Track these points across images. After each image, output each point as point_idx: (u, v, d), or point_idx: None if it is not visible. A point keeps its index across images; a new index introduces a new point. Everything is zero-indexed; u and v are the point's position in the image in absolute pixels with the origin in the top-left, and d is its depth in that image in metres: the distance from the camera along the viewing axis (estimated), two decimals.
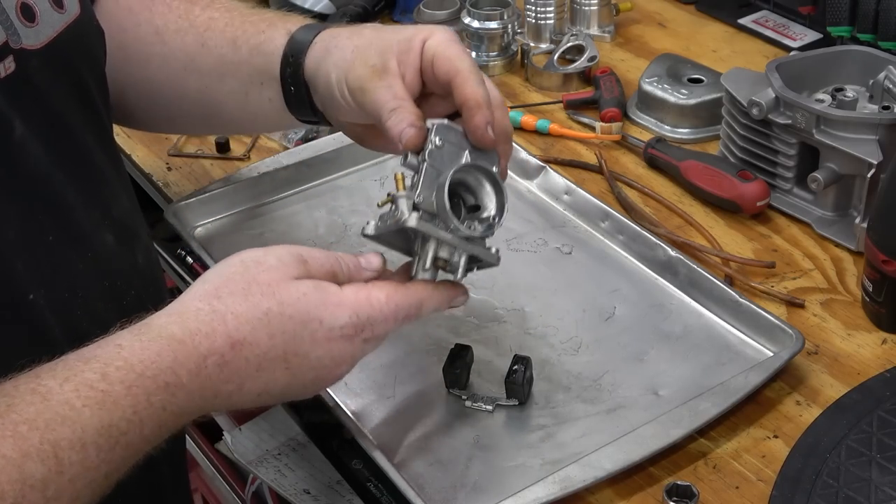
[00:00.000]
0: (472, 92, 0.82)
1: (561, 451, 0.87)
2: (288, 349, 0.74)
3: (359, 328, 0.76)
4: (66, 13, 0.82)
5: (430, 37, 0.86)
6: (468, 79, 0.83)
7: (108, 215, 0.85)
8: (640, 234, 1.07)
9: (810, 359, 0.95)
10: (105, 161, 0.88)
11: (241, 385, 0.73)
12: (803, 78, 1.12)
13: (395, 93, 0.84)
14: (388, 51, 0.86)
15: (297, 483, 1.23)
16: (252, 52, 0.96)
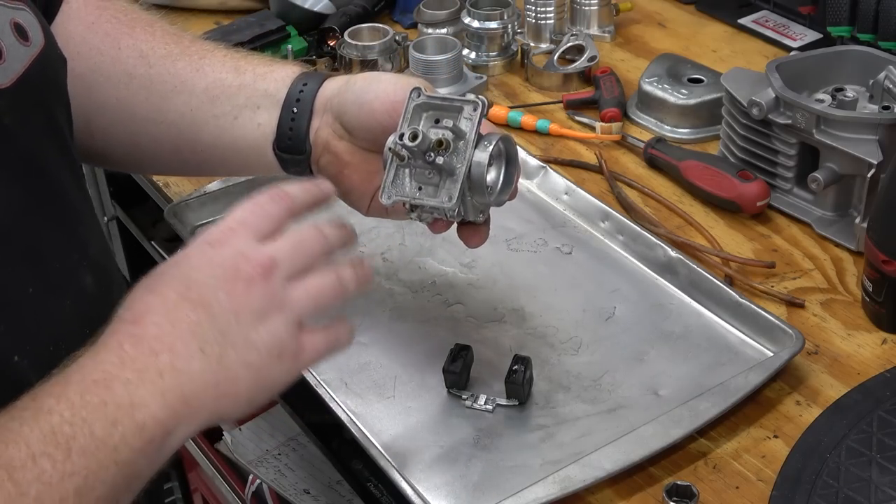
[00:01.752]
0: None
1: (561, 451, 0.87)
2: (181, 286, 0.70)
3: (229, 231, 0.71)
4: (31, 46, 0.78)
5: None
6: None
7: (85, 256, 0.81)
8: (640, 234, 1.07)
9: (810, 359, 0.95)
10: (79, 199, 0.84)
11: (172, 347, 0.68)
12: (803, 78, 1.12)
13: None
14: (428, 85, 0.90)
15: (297, 483, 1.23)
16: (258, 77, 0.94)
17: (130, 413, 0.66)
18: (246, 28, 1.40)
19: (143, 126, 0.97)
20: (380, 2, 1.51)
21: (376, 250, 1.09)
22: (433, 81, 1.32)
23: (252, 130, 0.95)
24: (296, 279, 0.72)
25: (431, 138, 0.82)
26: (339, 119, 0.91)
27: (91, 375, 0.66)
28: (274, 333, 0.70)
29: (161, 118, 0.96)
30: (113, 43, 0.96)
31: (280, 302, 0.71)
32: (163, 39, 0.97)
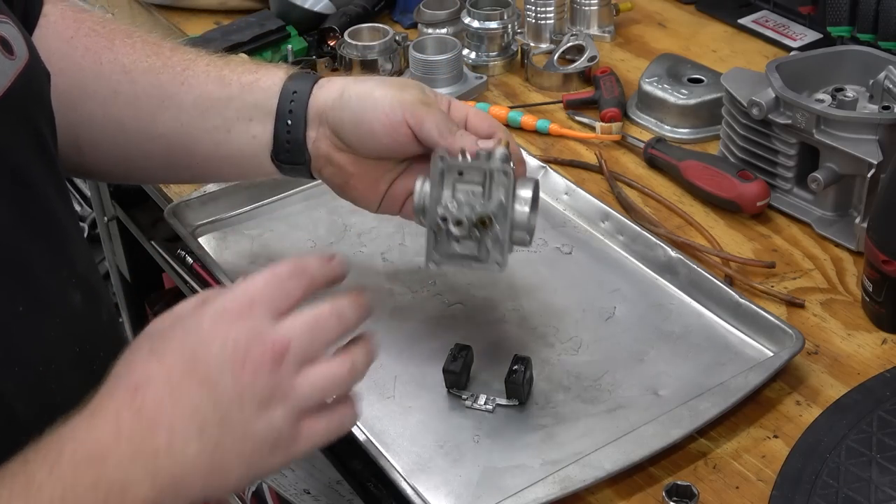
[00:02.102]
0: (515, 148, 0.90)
1: (561, 451, 0.87)
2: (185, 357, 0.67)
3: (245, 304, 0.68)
4: (17, 59, 0.77)
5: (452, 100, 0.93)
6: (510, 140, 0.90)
7: (73, 273, 0.80)
8: (640, 234, 1.07)
9: (810, 359, 0.95)
10: (66, 214, 0.82)
11: (170, 426, 0.65)
12: (803, 78, 1.12)
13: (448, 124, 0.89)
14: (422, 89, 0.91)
15: (297, 483, 1.23)
16: (244, 88, 0.94)
17: (121, 496, 0.64)
18: (246, 28, 1.40)
19: (134, 141, 0.96)
20: (380, 2, 1.51)
21: (376, 250, 1.09)
22: (433, 81, 1.32)
23: (248, 142, 0.95)
24: (307, 365, 0.69)
25: (473, 217, 0.85)
26: (337, 134, 0.92)
27: (84, 446, 0.64)
28: (273, 426, 0.67)
29: (151, 133, 0.96)
30: (94, 58, 0.95)
31: (284, 392, 0.67)
32: (143, 52, 0.95)
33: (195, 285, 1.21)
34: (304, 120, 0.92)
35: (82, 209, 2.19)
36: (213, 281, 1.13)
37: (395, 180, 0.94)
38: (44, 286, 0.76)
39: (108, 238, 1.53)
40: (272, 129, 0.93)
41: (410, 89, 0.90)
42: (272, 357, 0.67)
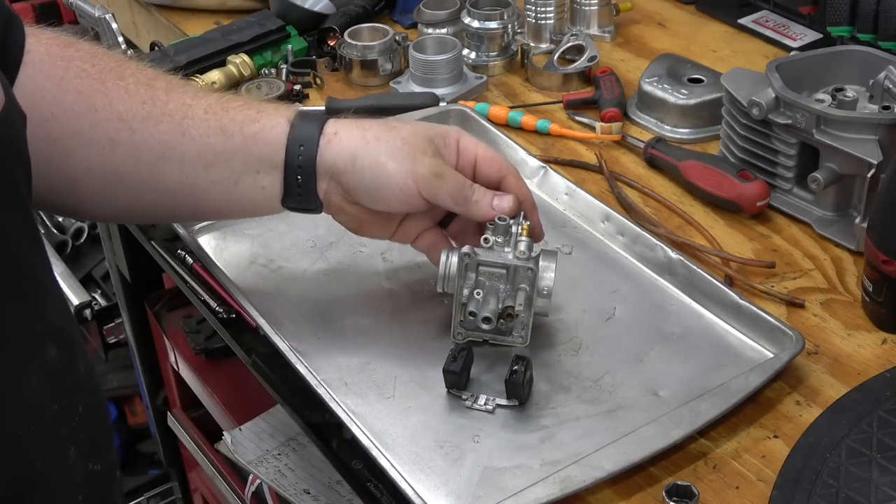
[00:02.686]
0: (526, 193, 0.97)
1: (561, 452, 0.87)
2: None
3: None
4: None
5: (461, 137, 0.97)
6: (519, 181, 0.98)
7: (48, 325, 0.75)
8: (640, 234, 1.07)
9: (810, 359, 0.95)
10: (39, 264, 0.76)
11: None
12: (803, 78, 1.12)
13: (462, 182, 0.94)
14: (431, 143, 0.94)
15: (297, 483, 1.23)
16: (248, 140, 0.92)
17: None
18: (246, 28, 1.40)
19: (137, 193, 0.95)
20: (380, 2, 1.51)
21: (376, 250, 1.09)
22: (433, 81, 1.32)
23: (257, 193, 0.95)
24: None
25: (499, 310, 0.92)
26: (349, 195, 0.94)
27: None
28: None
29: (155, 186, 0.94)
30: (88, 104, 0.91)
31: None
32: (138, 96, 0.92)
33: (195, 285, 1.21)
34: (314, 173, 0.93)
35: None
36: (213, 281, 1.13)
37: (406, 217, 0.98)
38: (19, 342, 0.71)
39: (108, 238, 1.52)
40: (281, 180, 0.93)
41: (423, 159, 0.92)
42: None
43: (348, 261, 1.08)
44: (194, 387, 1.49)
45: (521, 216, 0.96)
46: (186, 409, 1.61)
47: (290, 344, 0.97)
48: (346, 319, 1.01)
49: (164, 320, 1.53)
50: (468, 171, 0.96)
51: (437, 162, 0.93)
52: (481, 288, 0.93)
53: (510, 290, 0.93)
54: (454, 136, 0.96)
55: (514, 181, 0.97)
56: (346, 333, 1.00)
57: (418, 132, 0.94)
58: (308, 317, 1.01)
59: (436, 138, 0.94)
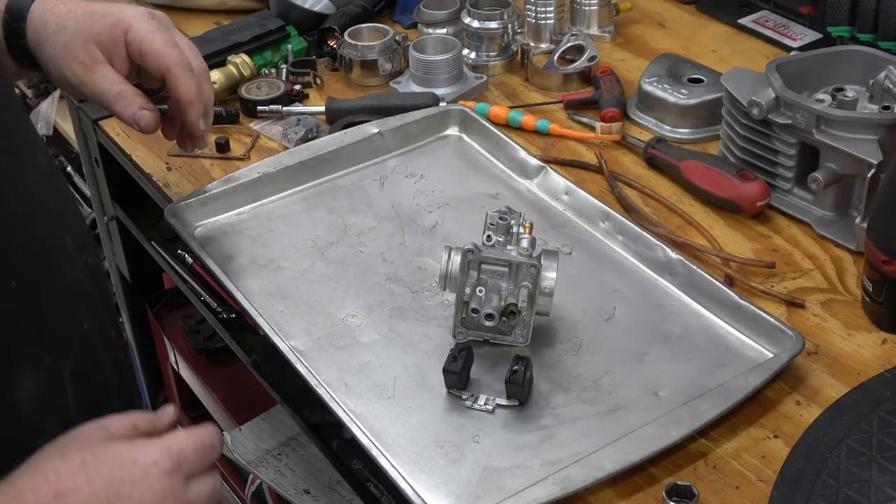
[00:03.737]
0: (185, 90, 0.98)
1: (561, 452, 0.87)
2: (110, 492, 0.72)
3: (174, 461, 0.75)
4: None
5: (129, 28, 0.98)
6: (179, 76, 0.98)
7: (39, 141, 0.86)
8: (640, 234, 1.07)
9: (810, 359, 0.95)
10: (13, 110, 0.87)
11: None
12: (803, 78, 1.12)
13: (111, 80, 0.97)
14: (91, 43, 0.97)
15: (297, 483, 1.23)
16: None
17: None
18: (246, 28, 1.40)
19: None
20: (380, 2, 1.51)
21: (376, 250, 1.09)
22: (433, 81, 1.32)
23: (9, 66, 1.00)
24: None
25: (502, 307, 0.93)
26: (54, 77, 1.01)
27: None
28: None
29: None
30: None
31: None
32: None
33: (195, 285, 1.21)
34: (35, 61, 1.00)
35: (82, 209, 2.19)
36: (213, 281, 1.13)
37: None
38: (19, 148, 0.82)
39: (108, 238, 1.52)
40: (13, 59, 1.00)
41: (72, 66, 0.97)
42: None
43: (348, 261, 1.08)
44: (194, 387, 1.49)
45: (521, 216, 0.96)
46: (186, 409, 1.61)
47: (290, 344, 0.97)
48: (346, 319, 1.01)
49: (164, 320, 1.53)
50: (137, 62, 0.99)
51: (81, 69, 0.97)
52: (483, 286, 0.93)
53: (512, 289, 0.94)
54: (122, 28, 0.98)
55: (172, 81, 0.98)
56: (346, 333, 1.00)
57: (79, 34, 0.97)
58: (308, 317, 1.01)
59: (97, 36, 0.97)
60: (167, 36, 0.99)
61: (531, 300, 0.93)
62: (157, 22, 0.99)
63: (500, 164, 1.21)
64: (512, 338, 0.96)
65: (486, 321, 0.93)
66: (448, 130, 1.25)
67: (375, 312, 1.02)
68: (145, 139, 1.29)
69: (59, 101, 2.17)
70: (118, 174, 1.34)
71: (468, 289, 0.94)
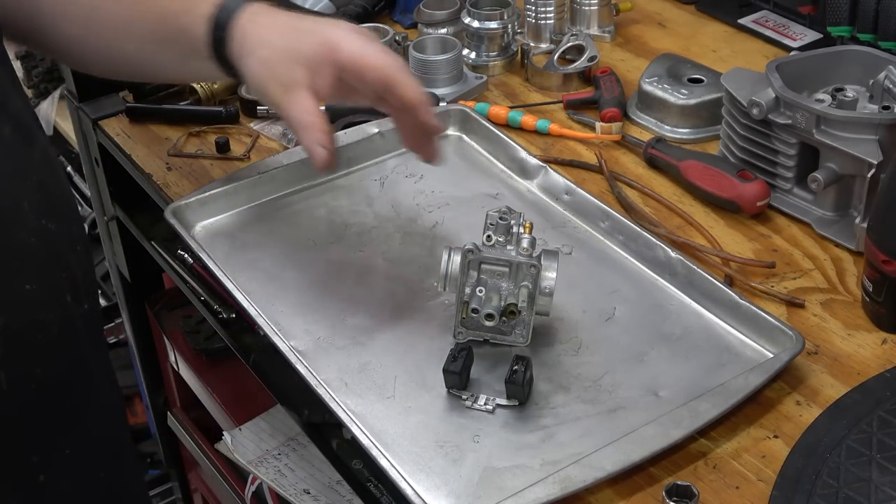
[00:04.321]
0: (413, 92, 0.95)
1: (561, 452, 0.87)
2: None
3: None
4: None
5: (340, 47, 0.94)
6: (402, 81, 0.94)
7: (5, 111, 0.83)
8: (639, 234, 1.07)
9: (810, 359, 0.95)
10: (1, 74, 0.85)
11: None
12: (803, 78, 1.12)
13: (304, 107, 0.93)
14: (294, 63, 0.94)
15: (297, 483, 1.23)
16: (181, 32, 0.98)
17: None
18: None
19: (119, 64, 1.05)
20: (380, 2, 1.51)
21: (376, 250, 1.09)
22: (433, 81, 1.32)
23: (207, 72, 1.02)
24: None
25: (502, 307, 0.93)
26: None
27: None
28: None
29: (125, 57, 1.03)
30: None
31: None
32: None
33: (195, 285, 1.21)
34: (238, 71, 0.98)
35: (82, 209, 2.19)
36: (213, 281, 1.13)
37: None
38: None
39: (108, 238, 1.52)
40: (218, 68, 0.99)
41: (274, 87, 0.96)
42: None
43: (348, 261, 1.08)
44: (194, 387, 1.49)
45: (521, 216, 0.96)
46: (186, 409, 1.61)
47: (290, 344, 0.97)
48: (346, 319, 1.01)
49: (164, 320, 1.53)
50: (354, 80, 0.96)
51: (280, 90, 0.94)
52: (483, 286, 0.93)
53: (512, 289, 0.94)
54: (331, 45, 0.94)
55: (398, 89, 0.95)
56: (346, 333, 1.00)
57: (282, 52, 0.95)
58: (308, 317, 1.01)
59: (304, 56, 0.94)
60: (377, 46, 0.96)
61: (531, 300, 0.93)
62: (364, 35, 0.96)
63: (500, 164, 1.21)
64: (512, 338, 0.96)
65: (486, 321, 0.93)
66: (448, 130, 1.25)
67: (375, 312, 1.02)
68: (145, 139, 1.30)
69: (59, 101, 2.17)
70: (118, 174, 1.34)
71: (468, 289, 0.94)
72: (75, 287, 0.85)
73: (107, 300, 2.16)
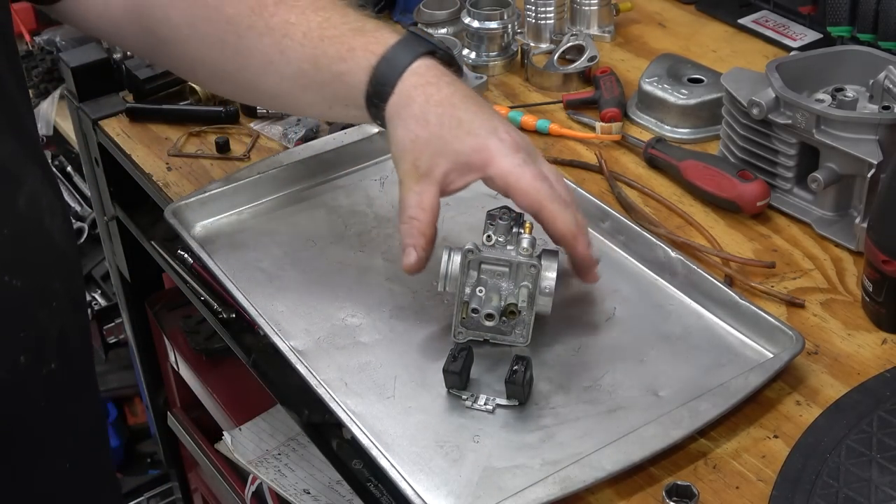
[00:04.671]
0: (563, 226, 0.92)
1: (561, 452, 0.87)
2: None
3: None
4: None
5: (492, 161, 0.91)
6: (553, 212, 0.92)
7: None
8: (639, 234, 1.07)
9: (810, 359, 0.95)
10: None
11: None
12: (803, 78, 1.12)
13: (420, 201, 0.92)
14: (442, 157, 0.92)
15: (297, 483, 1.23)
16: (335, 79, 0.96)
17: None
18: None
19: (246, 88, 1.04)
20: (380, 2, 1.50)
21: (376, 250, 1.09)
22: None
23: (350, 118, 1.03)
24: None
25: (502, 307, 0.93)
26: None
27: None
28: None
29: (258, 87, 1.02)
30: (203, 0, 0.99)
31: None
32: (247, 3, 0.98)
33: (195, 285, 1.21)
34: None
35: (82, 209, 2.19)
36: (213, 281, 1.13)
37: None
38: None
39: (108, 238, 1.52)
40: (368, 117, 0.97)
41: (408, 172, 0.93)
42: None
43: (348, 261, 1.08)
44: (194, 387, 1.49)
45: (521, 216, 0.96)
46: (186, 409, 1.61)
47: (290, 344, 0.97)
48: (346, 319, 1.01)
49: (164, 320, 1.53)
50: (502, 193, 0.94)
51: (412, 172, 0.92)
52: (483, 286, 0.93)
53: (512, 289, 0.94)
54: (480, 160, 0.92)
55: (549, 218, 0.92)
56: (346, 333, 0.99)
57: (436, 141, 0.92)
58: (308, 317, 1.01)
59: (454, 154, 0.92)
60: (535, 170, 0.92)
61: (531, 300, 0.93)
62: (523, 154, 0.92)
63: None
64: (512, 338, 0.96)
65: (487, 321, 0.93)
66: None
67: (375, 312, 1.02)
68: (145, 139, 1.30)
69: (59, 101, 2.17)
70: (118, 174, 1.34)
71: (468, 289, 0.94)
72: (39, 347, 0.79)
73: (107, 300, 2.16)
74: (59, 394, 0.82)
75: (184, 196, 1.16)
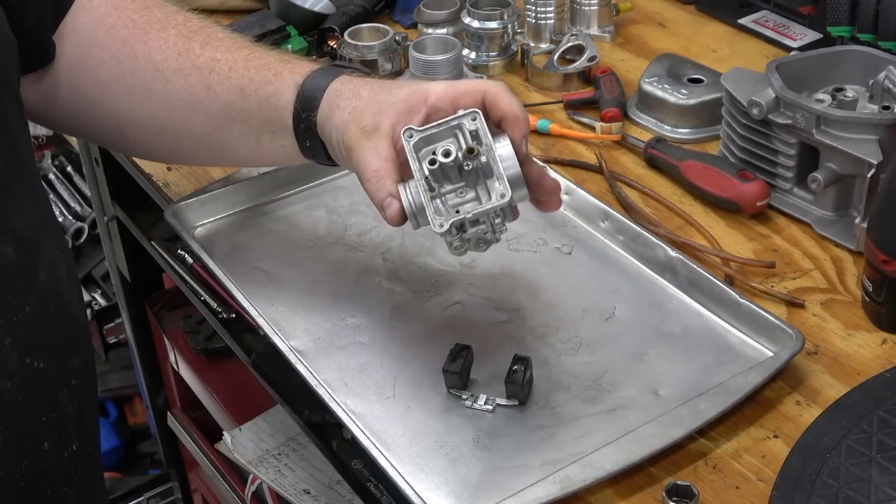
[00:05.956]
0: (508, 107, 0.88)
1: (561, 451, 0.87)
2: None
3: None
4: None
5: (433, 87, 0.90)
6: (500, 95, 0.89)
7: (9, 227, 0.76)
8: (640, 234, 1.07)
9: (810, 359, 0.95)
10: (11, 171, 0.78)
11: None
12: (803, 78, 1.12)
13: (376, 153, 0.89)
14: (382, 112, 0.90)
15: (297, 483, 1.23)
16: (262, 103, 0.95)
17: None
18: (246, 28, 1.40)
19: (175, 139, 1.01)
20: (380, 2, 1.51)
21: (376, 250, 1.09)
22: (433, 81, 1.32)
23: (277, 150, 0.99)
24: None
25: (458, 153, 0.84)
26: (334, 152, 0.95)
27: None
28: None
29: (190, 133, 1.00)
30: (130, 52, 0.98)
31: None
32: (175, 48, 0.98)
33: (195, 285, 1.21)
34: (319, 140, 0.94)
35: (82, 209, 2.20)
36: (213, 281, 1.13)
37: None
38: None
39: (108, 238, 1.53)
40: (295, 142, 0.96)
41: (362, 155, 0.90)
42: None
43: (348, 261, 1.08)
44: (194, 387, 1.49)
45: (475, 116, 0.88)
46: (186, 409, 1.61)
47: (290, 344, 0.97)
48: (346, 319, 1.01)
49: (164, 320, 1.53)
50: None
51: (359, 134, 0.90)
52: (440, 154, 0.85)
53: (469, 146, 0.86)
54: (420, 97, 0.90)
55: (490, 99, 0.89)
56: (346, 333, 1.00)
57: (372, 102, 0.91)
58: (308, 317, 1.01)
59: (393, 105, 0.90)
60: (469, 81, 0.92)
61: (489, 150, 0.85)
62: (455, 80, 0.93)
63: None
64: (494, 200, 0.85)
65: (444, 158, 0.84)
66: None
67: (375, 312, 1.02)
68: None
69: None
70: (118, 174, 1.34)
71: (425, 166, 0.85)
72: (61, 428, 0.77)
73: (107, 300, 2.17)
74: (80, 477, 0.80)
75: (184, 196, 1.16)
